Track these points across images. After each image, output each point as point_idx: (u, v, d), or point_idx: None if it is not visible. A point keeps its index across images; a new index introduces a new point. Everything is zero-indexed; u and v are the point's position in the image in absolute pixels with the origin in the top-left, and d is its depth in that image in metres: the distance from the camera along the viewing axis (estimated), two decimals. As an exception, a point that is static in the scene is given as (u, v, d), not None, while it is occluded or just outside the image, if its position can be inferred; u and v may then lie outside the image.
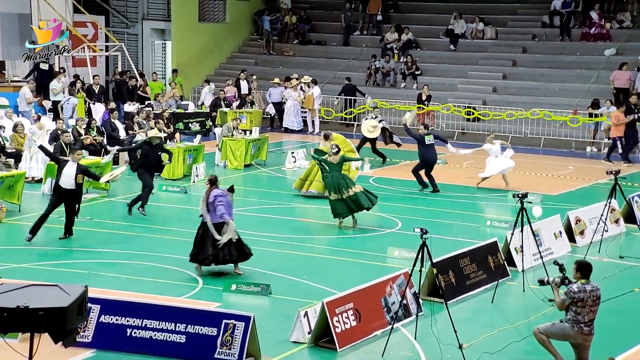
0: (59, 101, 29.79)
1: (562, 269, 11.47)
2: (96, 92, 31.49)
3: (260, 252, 16.44)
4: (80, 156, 17.91)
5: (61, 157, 18.37)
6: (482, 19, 37.74)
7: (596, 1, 35.97)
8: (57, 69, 32.15)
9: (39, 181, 22.26)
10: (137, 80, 33.59)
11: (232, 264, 15.48)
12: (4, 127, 24.39)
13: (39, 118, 24.46)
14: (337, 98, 34.76)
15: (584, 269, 11.23)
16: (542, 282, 11.80)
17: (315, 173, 21.58)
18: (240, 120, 28.68)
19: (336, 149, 19.54)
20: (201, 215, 15.39)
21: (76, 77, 32.54)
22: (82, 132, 24.88)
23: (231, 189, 15.50)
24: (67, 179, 17.33)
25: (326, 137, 21.89)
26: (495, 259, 15.53)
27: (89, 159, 22.28)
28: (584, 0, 36.16)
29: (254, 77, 35.97)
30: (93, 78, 32.08)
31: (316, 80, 34.41)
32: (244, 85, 34.86)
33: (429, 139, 22.84)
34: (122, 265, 15.94)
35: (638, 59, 32.69)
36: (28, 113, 28.81)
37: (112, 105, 28.36)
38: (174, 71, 35.90)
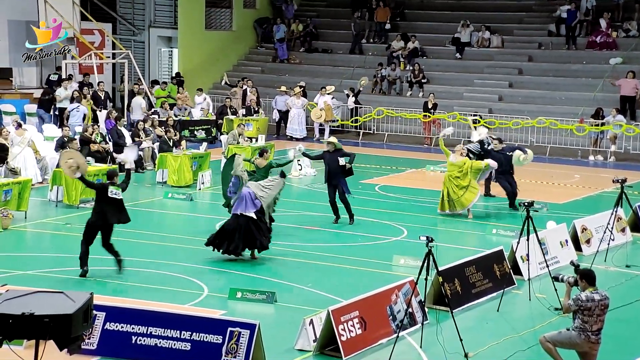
0: (65, 108, 29.80)
1: (577, 270, 11.39)
2: (102, 98, 31.50)
3: (265, 260, 16.43)
4: None
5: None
6: (488, 28, 37.73)
7: (605, 10, 35.97)
8: (64, 76, 32.16)
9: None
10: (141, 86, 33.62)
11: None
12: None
13: (19, 126, 24.33)
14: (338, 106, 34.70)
15: (588, 277, 11.15)
16: (556, 279, 11.76)
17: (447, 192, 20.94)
18: (246, 127, 28.66)
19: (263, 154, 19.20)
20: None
21: (86, 84, 32.34)
22: (98, 138, 24.68)
23: None
24: None
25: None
26: (501, 267, 15.48)
27: (95, 166, 22.27)
28: (593, 9, 36.21)
29: (250, 82, 35.68)
30: (98, 85, 32.06)
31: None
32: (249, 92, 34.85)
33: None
34: (127, 272, 15.91)
35: (644, 68, 32.68)
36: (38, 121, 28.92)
37: (115, 113, 28.29)
38: (179, 76, 35.91)
